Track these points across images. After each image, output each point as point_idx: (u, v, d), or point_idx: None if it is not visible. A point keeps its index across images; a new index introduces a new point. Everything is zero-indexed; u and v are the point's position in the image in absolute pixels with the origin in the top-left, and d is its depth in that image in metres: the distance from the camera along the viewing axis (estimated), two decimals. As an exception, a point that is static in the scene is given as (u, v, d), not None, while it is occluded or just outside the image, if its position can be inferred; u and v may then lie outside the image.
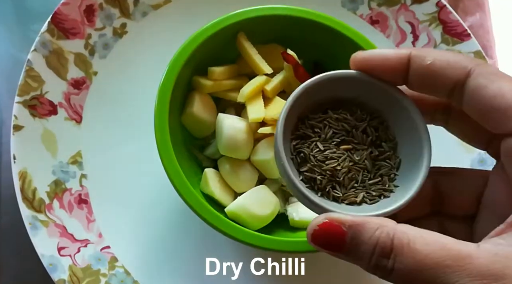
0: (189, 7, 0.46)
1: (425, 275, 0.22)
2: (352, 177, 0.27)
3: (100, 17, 0.45)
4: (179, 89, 0.38)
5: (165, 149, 0.36)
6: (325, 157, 0.27)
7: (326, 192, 0.27)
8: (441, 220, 0.29)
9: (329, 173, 0.27)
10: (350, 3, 0.47)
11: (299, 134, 0.28)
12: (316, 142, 0.28)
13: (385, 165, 0.28)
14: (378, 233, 0.23)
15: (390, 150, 0.28)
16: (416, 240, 0.22)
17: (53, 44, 0.44)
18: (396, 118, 0.28)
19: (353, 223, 0.23)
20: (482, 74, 0.24)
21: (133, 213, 0.43)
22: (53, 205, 0.42)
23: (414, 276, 0.22)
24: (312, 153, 0.28)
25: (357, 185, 0.27)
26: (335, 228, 0.23)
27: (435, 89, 0.26)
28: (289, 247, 0.35)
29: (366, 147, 0.28)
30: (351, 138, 0.28)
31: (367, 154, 0.28)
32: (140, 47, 0.46)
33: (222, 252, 0.43)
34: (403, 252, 0.22)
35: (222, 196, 0.38)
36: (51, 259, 0.41)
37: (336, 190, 0.27)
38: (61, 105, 0.44)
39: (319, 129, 0.28)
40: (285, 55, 0.38)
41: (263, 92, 0.38)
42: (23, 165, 0.42)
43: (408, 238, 0.22)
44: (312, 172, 0.27)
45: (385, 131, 0.29)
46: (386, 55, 0.26)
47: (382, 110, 0.28)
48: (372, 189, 0.27)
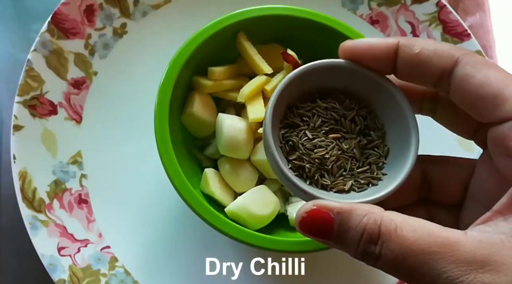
0: (189, 7, 0.46)
1: (411, 261, 0.22)
2: (341, 165, 0.28)
3: (100, 17, 0.45)
4: (179, 89, 0.38)
5: (165, 149, 0.36)
6: (314, 146, 0.28)
7: (314, 180, 0.27)
8: (429, 208, 0.29)
9: (318, 161, 0.27)
10: (350, 3, 0.47)
11: (288, 123, 0.29)
12: (305, 131, 0.28)
13: (373, 153, 0.28)
14: (365, 219, 0.23)
15: (378, 139, 0.28)
16: (403, 227, 0.22)
17: (53, 44, 0.44)
18: (384, 107, 0.28)
19: (340, 210, 0.23)
20: (469, 63, 0.24)
21: (133, 213, 0.43)
22: (53, 205, 0.42)
23: (400, 262, 0.22)
24: (300, 141, 0.28)
25: (345, 173, 0.28)
26: (323, 215, 0.24)
27: (423, 78, 0.26)
28: (289, 247, 0.35)
29: (354, 136, 0.28)
30: (340, 127, 0.28)
31: (356, 142, 0.28)
32: (140, 47, 0.46)
33: (222, 252, 0.43)
34: (390, 238, 0.22)
35: (222, 196, 0.38)
36: (51, 259, 0.41)
37: (324, 178, 0.27)
38: (61, 105, 0.44)
39: (307, 117, 0.28)
40: (285, 55, 0.38)
41: (263, 92, 0.38)
42: (23, 165, 0.42)
43: (395, 225, 0.22)
44: (301, 160, 0.28)
45: (373, 120, 0.29)
46: (374, 44, 0.26)
47: (371, 99, 0.29)
48: (361, 177, 0.28)
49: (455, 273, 0.21)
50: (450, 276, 0.21)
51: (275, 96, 0.27)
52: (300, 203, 0.39)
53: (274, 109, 0.27)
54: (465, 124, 0.28)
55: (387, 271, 0.23)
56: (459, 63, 0.25)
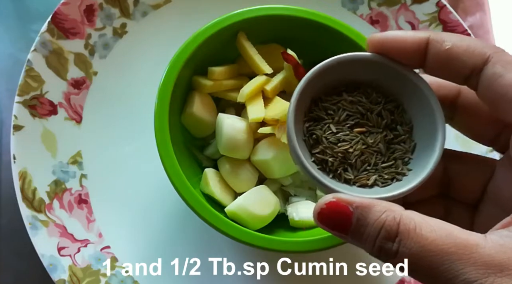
0: (189, 7, 0.46)
1: (429, 261, 0.21)
2: (365, 160, 0.27)
3: (100, 17, 0.45)
4: (179, 89, 0.38)
5: (165, 149, 0.36)
6: (338, 139, 0.27)
7: (337, 174, 0.27)
8: (447, 203, 0.29)
9: (341, 155, 0.27)
10: (350, 3, 0.47)
11: (312, 116, 0.28)
12: (329, 124, 0.28)
13: (399, 148, 0.28)
14: (384, 216, 0.23)
15: (405, 134, 0.28)
16: (423, 226, 0.22)
17: (53, 44, 0.44)
18: (412, 101, 0.28)
19: (360, 205, 0.23)
20: (500, 61, 0.24)
21: (133, 213, 0.43)
22: (53, 205, 0.42)
23: (417, 261, 0.22)
24: (324, 135, 0.27)
25: (369, 167, 0.27)
26: (341, 208, 0.23)
27: (452, 74, 0.26)
28: (289, 247, 0.35)
29: (380, 130, 0.28)
30: (366, 121, 0.28)
31: (381, 137, 0.28)
32: (140, 47, 0.46)
33: (222, 252, 0.43)
34: (408, 237, 0.22)
35: (222, 196, 0.38)
36: (51, 259, 0.41)
37: (348, 172, 0.27)
38: (61, 105, 0.44)
39: (332, 111, 0.28)
40: (285, 55, 0.38)
41: (263, 92, 0.38)
42: (23, 165, 0.42)
43: (414, 224, 0.22)
44: (324, 154, 0.27)
45: (401, 114, 0.28)
46: (404, 37, 0.26)
47: (398, 92, 0.28)
48: (385, 172, 0.27)
49: (473, 275, 0.21)
50: (468, 278, 0.21)
51: (298, 89, 0.27)
52: (300, 203, 0.39)
53: (298, 103, 0.27)
54: (486, 129, 0.28)
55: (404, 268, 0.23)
56: (489, 61, 0.24)
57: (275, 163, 0.37)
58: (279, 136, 0.36)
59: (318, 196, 0.40)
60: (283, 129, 0.36)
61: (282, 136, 0.36)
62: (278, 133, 0.36)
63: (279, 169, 0.37)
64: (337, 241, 0.35)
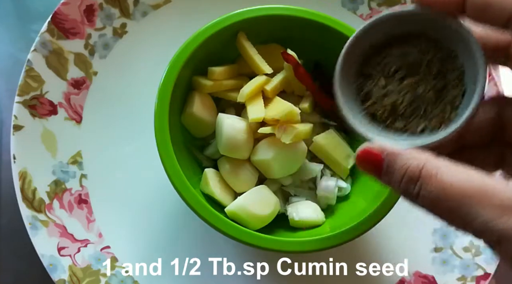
0: (189, 7, 0.46)
1: (449, 204, 0.23)
2: (414, 109, 0.28)
3: (100, 17, 0.45)
4: (179, 89, 0.38)
5: (165, 149, 0.36)
6: (386, 92, 0.29)
7: (388, 125, 0.29)
8: (502, 150, 0.30)
9: (389, 107, 0.29)
10: (350, 3, 0.47)
11: (363, 73, 0.30)
12: (379, 79, 0.29)
13: (449, 95, 0.28)
14: (409, 163, 0.25)
15: (455, 80, 0.28)
16: (444, 172, 0.24)
17: (53, 44, 0.44)
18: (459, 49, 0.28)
19: (390, 152, 0.26)
20: None
21: (133, 213, 0.43)
22: (53, 205, 0.42)
23: (437, 204, 0.24)
24: (374, 89, 0.29)
25: (419, 116, 0.28)
26: (374, 155, 0.26)
27: (492, 20, 0.26)
28: (289, 247, 0.35)
29: (431, 78, 0.28)
30: (415, 71, 0.29)
31: (431, 86, 0.28)
32: (140, 47, 0.46)
33: (222, 252, 0.43)
34: (430, 181, 0.24)
35: (222, 196, 0.38)
36: (51, 259, 0.41)
37: (397, 122, 0.29)
38: (61, 105, 0.44)
39: (382, 66, 0.29)
40: (285, 55, 0.38)
41: (263, 92, 0.38)
42: (23, 165, 0.42)
43: (436, 170, 0.24)
44: (374, 107, 0.29)
45: (452, 61, 0.29)
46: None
47: (447, 41, 0.29)
48: (434, 119, 0.28)
49: (489, 216, 0.22)
50: (485, 219, 0.22)
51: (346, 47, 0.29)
52: (300, 203, 0.39)
53: (345, 60, 0.29)
54: None
55: (426, 209, 0.24)
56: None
57: (275, 163, 0.37)
58: (279, 136, 0.36)
59: (318, 196, 0.40)
60: (283, 129, 0.36)
61: (282, 136, 0.36)
62: (278, 133, 0.36)
63: (279, 169, 0.37)
64: (337, 241, 0.35)
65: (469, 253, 0.43)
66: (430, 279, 0.43)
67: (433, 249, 0.44)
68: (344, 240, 0.35)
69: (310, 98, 0.39)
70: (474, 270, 0.43)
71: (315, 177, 0.40)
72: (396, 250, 0.43)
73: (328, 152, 0.39)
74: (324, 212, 0.39)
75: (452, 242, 0.44)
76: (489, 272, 0.43)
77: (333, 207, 0.40)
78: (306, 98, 0.40)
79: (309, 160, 0.40)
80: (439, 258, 0.43)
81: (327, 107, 0.39)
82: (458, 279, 0.43)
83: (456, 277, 0.43)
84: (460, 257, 0.43)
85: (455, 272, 0.43)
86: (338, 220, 0.38)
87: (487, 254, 0.43)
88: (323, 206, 0.40)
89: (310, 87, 0.39)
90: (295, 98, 0.40)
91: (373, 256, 0.43)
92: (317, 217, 0.38)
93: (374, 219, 0.36)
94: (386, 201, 0.36)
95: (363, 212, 0.36)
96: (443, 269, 0.43)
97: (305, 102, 0.39)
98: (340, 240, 0.35)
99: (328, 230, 0.37)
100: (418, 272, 0.43)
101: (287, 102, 0.37)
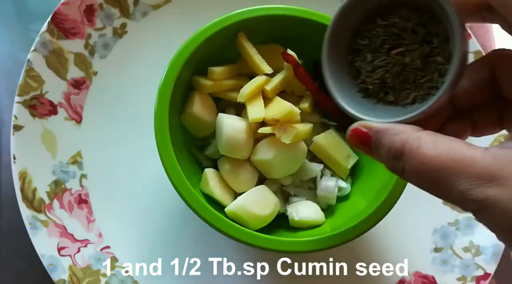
0: (189, 7, 0.46)
1: (429, 176, 0.24)
2: (404, 79, 0.28)
3: (100, 17, 0.45)
4: (179, 89, 0.38)
5: (165, 149, 0.36)
6: (374, 67, 0.29)
7: (380, 98, 0.29)
8: (501, 108, 0.29)
9: (379, 81, 0.29)
10: (350, 3, 0.47)
11: (353, 48, 0.30)
12: (366, 54, 0.29)
13: (436, 60, 0.28)
14: (394, 138, 0.25)
15: (440, 45, 0.28)
16: (426, 145, 0.24)
17: (53, 44, 0.44)
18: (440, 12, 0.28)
19: (377, 129, 0.26)
20: None
21: (133, 213, 0.43)
22: (53, 205, 0.42)
23: (420, 176, 0.24)
24: (362, 65, 0.30)
25: (409, 86, 0.28)
26: (362, 133, 0.27)
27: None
28: (289, 247, 0.35)
29: (418, 45, 0.28)
30: (402, 41, 0.29)
31: (418, 53, 0.28)
32: (140, 47, 0.46)
33: (222, 252, 0.43)
34: (411, 156, 0.24)
35: (222, 196, 0.38)
36: (51, 259, 0.41)
37: (389, 95, 0.29)
38: (61, 105, 0.44)
39: (369, 40, 0.29)
40: (285, 55, 0.38)
41: (263, 92, 0.38)
42: (23, 165, 0.42)
43: (418, 143, 0.24)
44: (365, 83, 0.29)
45: (434, 26, 0.28)
46: None
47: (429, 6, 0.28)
48: (423, 89, 0.28)
49: (466, 186, 0.23)
50: (462, 189, 0.23)
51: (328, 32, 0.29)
52: (300, 203, 0.39)
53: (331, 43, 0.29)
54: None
55: (412, 183, 0.25)
56: None
57: (275, 163, 0.37)
58: (279, 136, 0.36)
59: (318, 196, 0.40)
60: (283, 129, 0.36)
61: (282, 136, 0.36)
62: (278, 133, 0.36)
63: (279, 169, 0.37)
64: (337, 241, 0.35)
65: (469, 253, 0.43)
66: (430, 279, 0.43)
67: (433, 249, 0.44)
68: (344, 240, 0.35)
69: (310, 98, 0.39)
70: (474, 270, 0.43)
71: (315, 177, 0.40)
72: (396, 250, 0.43)
73: (328, 152, 0.39)
74: (324, 212, 0.39)
75: (452, 242, 0.44)
76: (489, 272, 0.43)
77: (333, 207, 0.40)
78: (306, 98, 0.40)
79: (309, 160, 0.40)
80: (439, 258, 0.43)
81: (327, 107, 0.39)
82: (458, 279, 0.43)
83: (456, 277, 0.43)
84: (460, 257, 0.43)
85: (455, 272, 0.43)
86: (338, 220, 0.38)
87: (487, 254, 0.43)
88: (323, 206, 0.40)
89: (310, 87, 0.39)
90: (295, 98, 0.40)
91: (373, 256, 0.43)
92: (317, 217, 0.38)
93: (374, 219, 0.35)
94: (386, 201, 0.36)
95: (363, 212, 0.36)
96: (443, 269, 0.43)
97: (305, 102, 0.39)
98: (340, 240, 0.35)
99: (328, 230, 0.37)
100: (418, 272, 0.43)
101: (287, 102, 0.37)
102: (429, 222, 0.44)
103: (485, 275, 0.43)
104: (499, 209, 0.22)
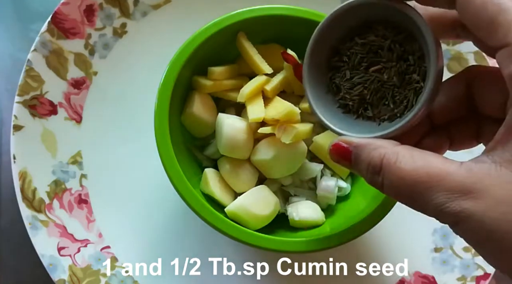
0: (189, 7, 0.46)
1: (406, 190, 0.24)
2: (382, 96, 0.29)
3: (100, 17, 0.45)
4: (179, 89, 0.38)
5: (165, 149, 0.36)
6: (353, 84, 0.30)
7: (360, 114, 0.30)
8: (479, 122, 0.30)
9: (358, 98, 0.30)
10: (350, 3, 0.47)
11: (332, 66, 0.31)
12: (345, 71, 0.30)
13: (412, 78, 0.28)
14: (372, 153, 0.26)
15: (416, 62, 0.28)
16: (403, 160, 0.24)
17: (53, 44, 0.44)
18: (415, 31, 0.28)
19: (357, 144, 0.27)
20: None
21: (133, 213, 0.43)
22: (53, 205, 0.42)
23: (399, 192, 0.25)
24: (342, 82, 0.30)
25: (387, 102, 0.29)
26: (342, 148, 0.27)
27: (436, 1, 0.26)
28: (289, 247, 0.35)
29: (394, 63, 0.29)
30: (379, 59, 0.29)
31: (395, 70, 0.29)
32: (140, 47, 0.46)
33: (222, 252, 0.43)
34: (389, 170, 0.25)
35: (222, 196, 0.38)
36: (51, 259, 0.41)
37: (368, 110, 0.30)
38: (61, 105, 0.44)
39: (347, 57, 0.30)
40: (285, 55, 0.38)
41: (263, 92, 0.38)
42: (23, 165, 0.42)
43: (396, 158, 0.25)
44: (345, 99, 0.30)
45: (410, 43, 0.29)
46: None
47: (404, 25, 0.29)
48: (400, 106, 0.29)
49: (441, 200, 0.23)
50: (437, 203, 0.23)
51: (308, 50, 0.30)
52: (300, 203, 0.39)
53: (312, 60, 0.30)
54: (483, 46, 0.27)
55: (391, 197, 0.26)
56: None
57: (275, 163, 0.37)
58: (279, 136, 0.36)
59: (318, 196, 0.40)
60: (283, 129, 0.36)
61: (282, 136, 0.36)
62: (278, 133, 0.36)
63: (279, 169, 0.37)
64: (337, 241, 0.35)
65: (469, 253, 0.43)
66: (430, 279, 0.43)
67: (433, 249, 0.44)
68: (344, 240, 0.35)
69: (310, 98, 0.39)
70: (474, 270, 0.43)
71: (315, 177, 0.40)
72: (396, 250, 0.43)
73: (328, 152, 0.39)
74: (324, 212, 0.39)
75: (452, 242, 0.44)
76: (489, 272, 0.43)
77: (333, 207, 0.40)
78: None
79: (309, 160, 0.40)
80: (439, 258, 0.43)
81: (327, 107, 0.39)
82: (458, 279, 0.43)
83: (456, 277, 0.43)
84: (460, 257, 0.43)
85: (455, 272, 0.43)
86: (338, 220, 0.38)
87: (487, 254, 0.43)
88: (323, 206, 0.40)
89: (310, 87, 0.39)
90: (295, 98, 0.40)
91: (373, 256, 0.43)
92: (317, 217, 0.38)
93: (374, 219, 0.36)
94: (386, 201, 0.36)
95: (363, 212, 0.36)
96: (443, 269, 0.43)
97: (305, 102, 0.39)
98: (340, 240, 0.35)
99: (328, 230, 0.37)
100: (418, 272, 0.43)
101: (287, 102, 0.37)
102: (429, 222, 0.44)
103: (485, 275, 0.43)
104: (473, 222, 0.22)
